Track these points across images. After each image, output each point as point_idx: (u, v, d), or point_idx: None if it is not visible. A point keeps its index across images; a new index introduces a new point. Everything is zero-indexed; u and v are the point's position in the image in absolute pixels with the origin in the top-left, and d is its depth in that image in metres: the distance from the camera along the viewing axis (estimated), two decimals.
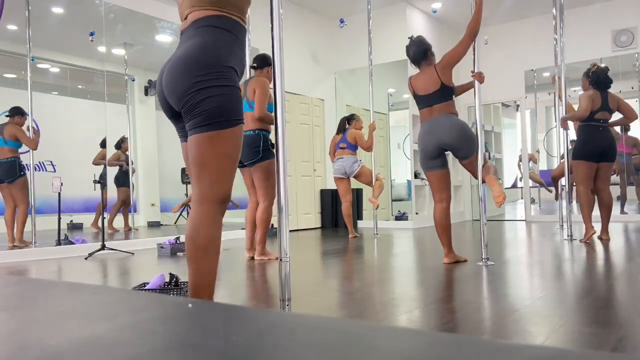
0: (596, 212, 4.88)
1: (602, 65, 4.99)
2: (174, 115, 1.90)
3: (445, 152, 3.77)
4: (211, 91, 1.74)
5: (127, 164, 6.34)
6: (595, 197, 4.91)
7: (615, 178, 7.36)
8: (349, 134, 6.09)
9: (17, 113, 5.24)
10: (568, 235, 5.07)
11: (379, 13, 7.91)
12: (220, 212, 1.82)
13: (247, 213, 4.33)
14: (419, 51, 3.84)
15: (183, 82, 1.76)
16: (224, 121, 1.76)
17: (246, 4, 1.90)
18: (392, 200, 8.62)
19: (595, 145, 4.75)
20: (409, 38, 3.92)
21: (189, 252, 1.80)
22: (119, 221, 6.45)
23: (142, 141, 6.86)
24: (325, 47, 8.53)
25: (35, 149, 5.23)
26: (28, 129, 5.23)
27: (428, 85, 3.73)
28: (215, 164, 1.78)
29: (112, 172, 6.27)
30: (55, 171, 5.83)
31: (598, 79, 4.81)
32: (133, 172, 6.43)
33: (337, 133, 6.28)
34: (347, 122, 6.21)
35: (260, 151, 4.02)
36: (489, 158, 9.41)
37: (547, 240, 5.27)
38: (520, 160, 8.98)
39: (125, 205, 6.46)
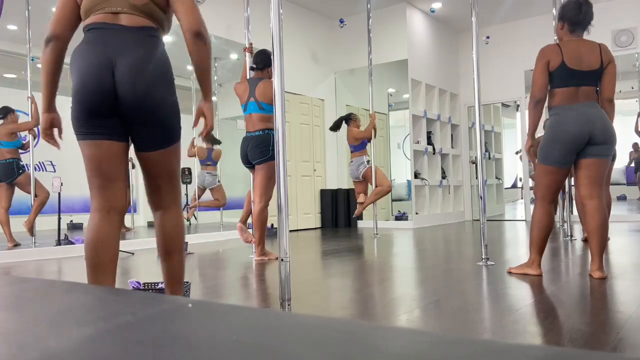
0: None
1: None
2: (100, 114, 1.77)
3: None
4: (176, 105, 1.87)
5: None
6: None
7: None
8: (348, 137, 6.13)
9: (7, 112, 5.23)
10: (568, 235, 5.08)
11: (379, 13, 7.92)
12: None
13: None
14: (591, 13, 3.08)
15: (160, 96, 1.79)
16: (180, 131, 1.92)
17: (168, 27, 1.95)
18: (392, 200, 8.62)
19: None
20: None
21: (171, 248, 1.97)
22: None
23: None
24: (325, 47, 8.53)
25: (38, 123, 5.20)
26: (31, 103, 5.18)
27: (591, 61, 2.99)
28: (178, 171, 1.98)
29: None
30: (55, 171, 5.83)
31: None
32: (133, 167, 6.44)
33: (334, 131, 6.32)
34: (346, 122, 6.22)
35: (270, 150, 4.03)
36: (489, 158, 9.42)
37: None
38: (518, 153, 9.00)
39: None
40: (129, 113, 1.78)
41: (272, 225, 6.37)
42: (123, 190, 1.89)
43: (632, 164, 8.44)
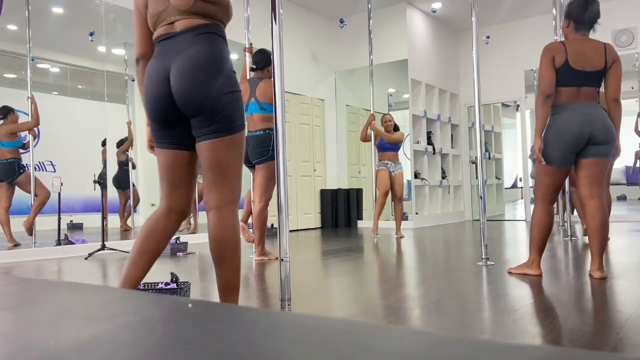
0: None
1: None
2: (168, 123, 1.86)
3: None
4: (231, 96, 1.83)
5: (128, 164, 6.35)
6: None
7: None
8: None
9: (7, 112, 5.24)
10: (568, 235, 5.08)
11: (379, 13, 7.92)
12: (237, 212, 1.93)
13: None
14: (597, 11, 3.02)
15: (205, 88, 1.78)
16: (239, 125, 1.87)
17: (226, 17, 1.94)
18: (392, 201, 8.61)
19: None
20: None
21: (218, 254, 1.88)
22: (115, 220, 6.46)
23: (142, 141, 6.86)
24: (325, 47, 8.53)
25: (38, 123, 5.21)
26: (30, 103, 5.20)
27: (595, 61, 2.97)
28: (236, 166, 1.88)
29: (111, 172, 6.26)
30: (55, 171, 5.83)
31: None
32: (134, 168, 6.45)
33: None
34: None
35: (270, 150, 4.04)
36: (489, 158, 9.42)
37: None
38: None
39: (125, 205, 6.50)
40: (184, 112, 1.81)
41: (272, 225, 6.37)
42: (186, 195, 1.95)
43: (638, 164, 8.26)
